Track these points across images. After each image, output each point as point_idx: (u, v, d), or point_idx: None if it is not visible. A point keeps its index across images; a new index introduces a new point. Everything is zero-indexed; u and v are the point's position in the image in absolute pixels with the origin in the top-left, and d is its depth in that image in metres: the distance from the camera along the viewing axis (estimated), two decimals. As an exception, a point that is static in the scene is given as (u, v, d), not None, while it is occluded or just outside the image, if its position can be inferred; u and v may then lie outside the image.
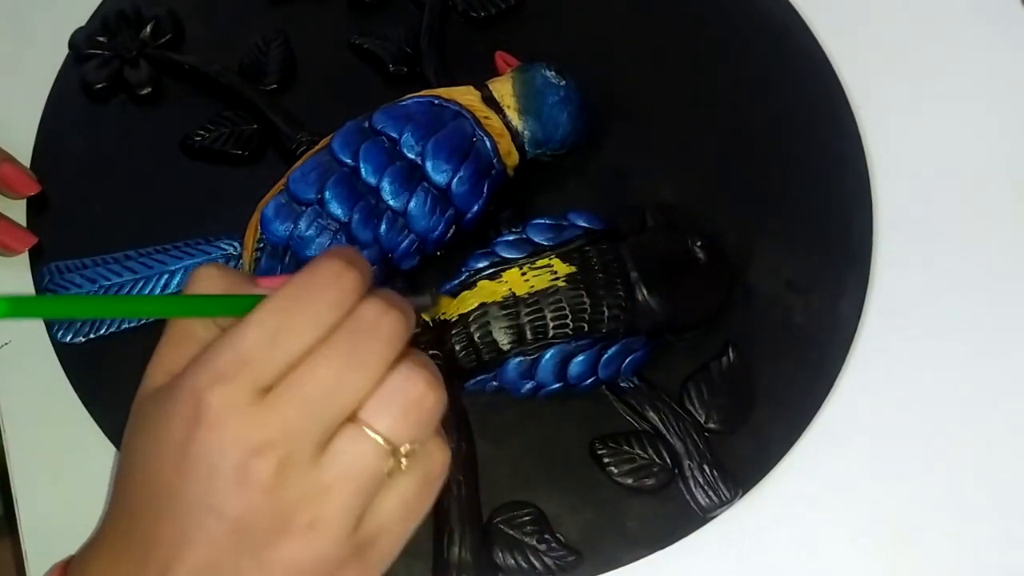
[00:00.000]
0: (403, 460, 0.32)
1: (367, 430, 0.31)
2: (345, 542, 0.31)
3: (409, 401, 0.32)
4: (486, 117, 0.46)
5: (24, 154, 0.51)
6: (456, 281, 0.44)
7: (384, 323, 0.32)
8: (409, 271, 0.46)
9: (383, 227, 0.44)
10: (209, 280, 0.34)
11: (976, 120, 0.52)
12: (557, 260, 0.44)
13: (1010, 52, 0.54)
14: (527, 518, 0.43)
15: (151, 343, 0.46)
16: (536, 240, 0.44)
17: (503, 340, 0.43)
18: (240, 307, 0.32)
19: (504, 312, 0.43)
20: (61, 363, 0.46)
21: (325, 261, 0.32)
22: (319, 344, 0.31)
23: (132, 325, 0.46)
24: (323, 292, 0.31)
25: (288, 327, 0.31)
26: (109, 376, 0.46)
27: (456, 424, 0.43)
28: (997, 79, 0.53)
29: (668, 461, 0.44)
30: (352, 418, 0.31)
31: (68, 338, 0.46)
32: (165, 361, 0.34)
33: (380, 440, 0.31)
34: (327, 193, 0.44)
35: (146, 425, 0.33)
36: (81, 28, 0.54)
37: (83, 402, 0.46)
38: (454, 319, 0.44)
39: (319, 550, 0.31)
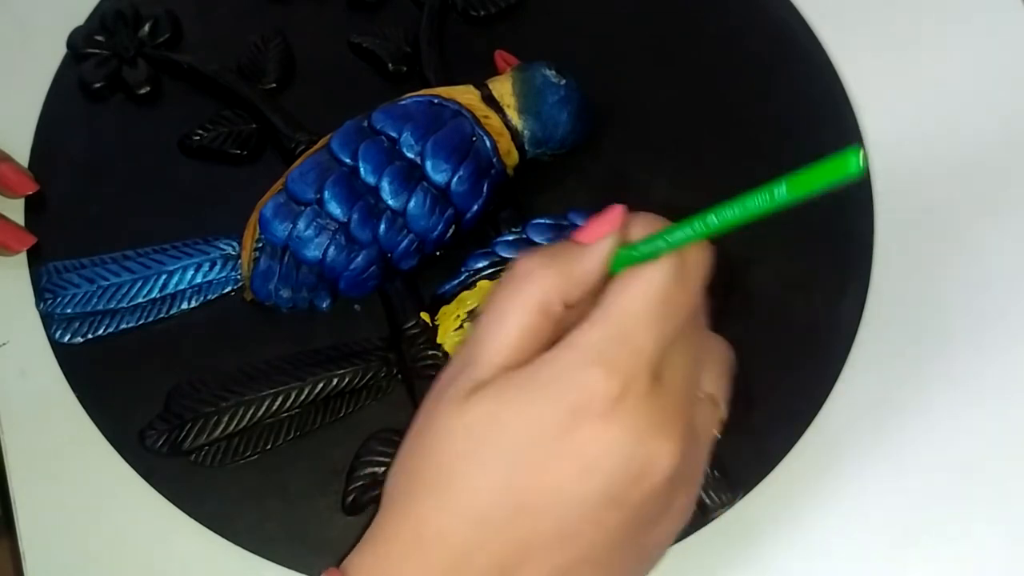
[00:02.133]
0: (723, 418, 0.34)
1: (710, 399, 0.34)
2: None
3: (727, 365, 0.35)
4: (486, 116, 0.46)
5: (22, 153, 0.51)
6: (456, 281, 0.44)
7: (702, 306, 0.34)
8: (409, 271, 0.46)
9: (382, 227, 0.44)
10: (539, 271, 0.32)
11: (977, 120, 0.52)
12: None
13: (1011, 52, 0.54)
14: (527, 519, 0.43)
15: (149, 343, 0.46)
16: (536, 240, 0.44)
17: (503, 340, 0.43)
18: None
19: (504, 312, 0.43)
20: (59, 363, 0.46)
21: (693, 259, 0.32)
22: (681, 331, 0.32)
23: (131, 325, 0.46)
24: (695, 282, 0.32)
25: (672, 315, 0.31)
26: (107, 376, 0.46)
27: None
28: (998, 79, 0.53)
29: (668, 462, 0.44)
30: None
31: (66, 338, 0.46)
32: (504, 342, 0.32)
33: (716, 404, 0.34)
34: (326, 193, 0.43)
35: (505, 422, 0.31)
36: (79, 27, 0.54)
37: (81, 402, 0.46)
38: (454, 319, 0.44)
39: (681, 523, 0.33)
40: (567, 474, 0.30)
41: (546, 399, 0.30)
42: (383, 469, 0.43)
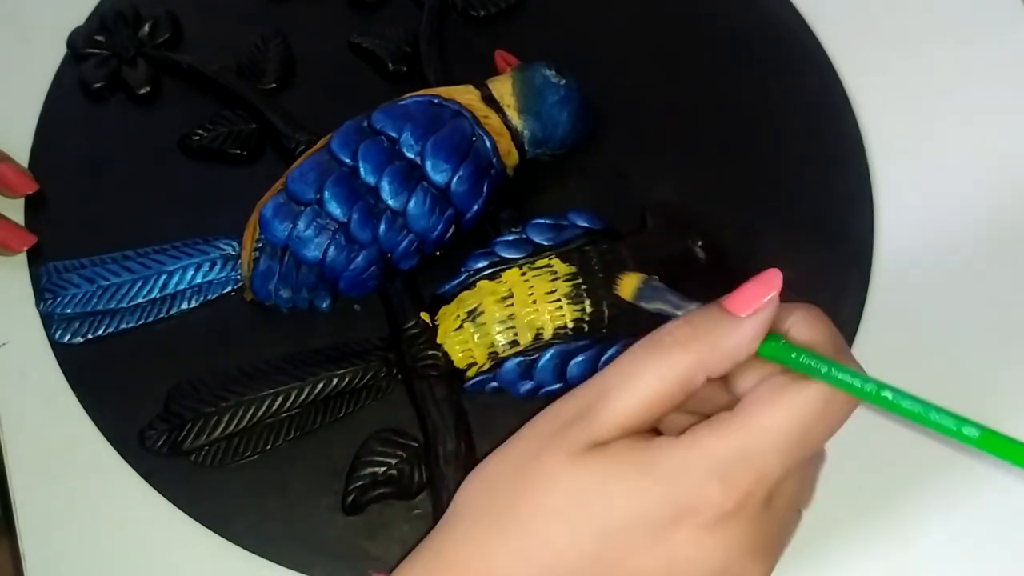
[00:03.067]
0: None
1: (799, 514, 0.34)
2: None
3: (815, 478, 0.35)
4: (485, 116, 0.46)
5: (22, 153, 0.51)
6: (455, 281, 0.44)
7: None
8: (409, 271, 0.46)
9: (382, 227, 0.44)
10: (682, 354, 0.32)
11: (977, 120, 0.52)
12: (557, 260, 0.43)
13: (1011, 52, 0.54)
14: (527, 519, 0.43)
15: (149, 343, 0.46)
16: (536, 240, 0.44)
17: (502, 340, 0.43)
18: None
19: (503, 312, 0.43)
20: (59, 363, 0.46)
21: (844, 402, 0.32)
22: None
23: (130, 325, 0.46)
24: (834, 425, 0.32)
25: (803, 449, 0.31)
26: (107, 377, 0.46)
27: (456, 424, 0.43)
28: (998, 79, 0.53)
29: (668, 462, 0.44)
30: None
31: (66, 338, 0.46)
32: (631, 403, 0.31)
33: (800, 513, 0.34)
34: (326, 193, 0.43)
35: (610, 493, 0.30)
36: (79, 27, 0.54)
37: (81, 403, 0.46)
38: (454, 319, 0.44)
39: None
40: (653, 567, 0.30)
41: (659, 492, 0.30)
42: (383, 469, 0.43)
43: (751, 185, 0.50)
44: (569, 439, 0.31)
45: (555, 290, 0.43)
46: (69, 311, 0.46)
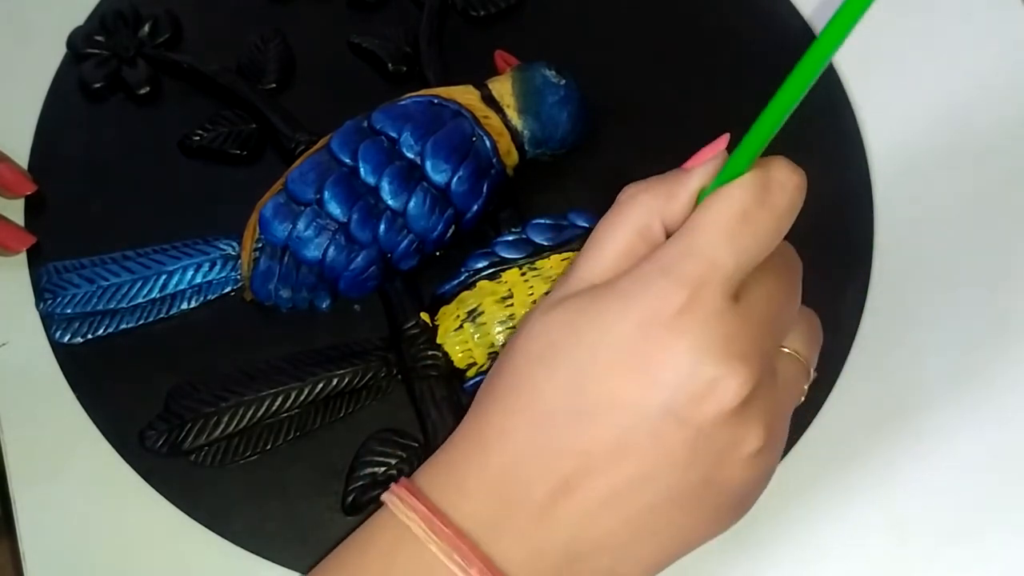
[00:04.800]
0: (808, 383, 0.34)
1: (794, 353, 0.33)
2: (775, 466, 0.33)
3: (818, 334, 0.34)
4: (485, 116, 0.46)
5: (22, 154, 0.51)
6: (455, 281, 0.44)
7: (796, 255, 0.34)
8: (409, 271, 0.46)
9: (382, 227, 0.44)
10: (639, 196, 0.33)
11: (977, 120, 0.52)
12: (557, 260, 0.43)
13: (1011, 51, 0.54)
14: (527, 519, 0.43)
15: (149, 343, 0.46)
16: (536, 240, 0.44)
17: (502, 340, 0.43)
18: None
19: (503, 313, 0.43)
20: (59, 363, 0.46)
21: (779, 164, 0.32)
22: (771, 261, 0.31)
23: (130, 325, 0.46)
24: (783, 197, 0.32)
25: (751, 233, 0.31)
26: (107, 376, 0.46)
27: (455, 424, 0.43)
28: (998, 79, 0.53)
29: (668, 462, 0.44)
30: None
31: (66, 338, 0.46)
32: (599, 262, 0.32)
33: (803, 363, 0.33)
34: (326, 193, 0.43)
35: (579, 329, 0.31)
36: (79, 27, 0.54)
37: (81, 403, 0.46)
38: (454, 319, 0.44)
39: (763, 471, 0.32)
40: (629, 383, 0.29)
41: (618, 309, 0.30)
42: (383, 469, 0.43)
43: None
44: (545, 302, 0.33)
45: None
46: (69, 311, 0.46)
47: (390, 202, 0.44)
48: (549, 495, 0.31)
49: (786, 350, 0.33)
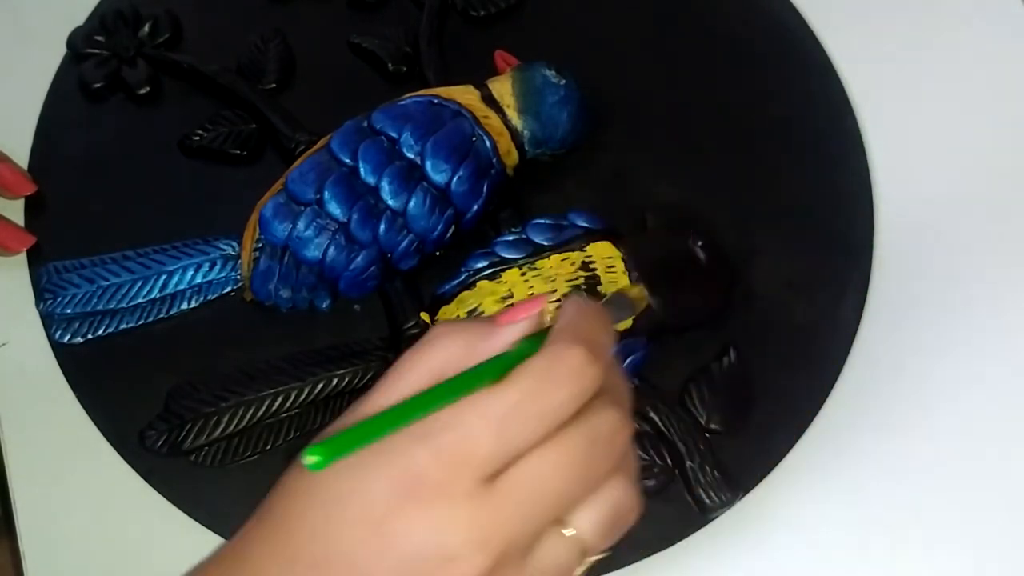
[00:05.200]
0: (587, 565, 0.32)
1: (571, 534, 0.31)
2: None
3: (618, 517, 0.32)
4: (485, 116, 0.46)
5: (22, 154, 0.51)
6: (455, 281, 0.44)
7: (619, 437, 0.31)
8: (409, 271, 0.46)
9: (382, 227, 0.44)
10: (446, 346, 0.31)
11: (977, 120, 0.52)
12: (557, 260, 0.43)
13: (1011, 51, 0.54)
14: (527, 519, 0.43)
15: (149, 343, 0.46)
16: (536, 240, 0.44)
17: (503, 340, 0.43)
18: (482, 378, 0.30)
19: (504, 312, 0.43)
20: (59, 363, 0.46)
21: (568, 352, 0.30)
22: (551, 443, 0.30)
23: (130, 325, 0.46)
24: (560, 389, 0.30)
25: (520, 418, 0.29)
26: (107, 376, 0.46)
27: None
28: (998, 78, 0.53)
29: (669, 462, 0.44)
30: (558, 519, 0.31)
31: (66, 338, 0.46)
32: (392, 396, 0.31)
33: (580, 547, 0.31)
34: (326, 193, 0.43)
35: (337, 474, 0.30)
36: (79, 27, 0.54)
37: (81, 403, 0.46)
38: (454, 319, 0.44)
39: None
40: (368, 546, 0.29)
41: (376, 465, 0.30)
42: (383, 469, 0.43)
43: (751, 185, 0.50)
44: (331, 428, 0.32)
45: (555, 290, 0.43)
46: (69, 311, 0.46)
47: (390, 202, 0.44)
48: None
49: (567, 532, 0.31)
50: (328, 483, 0.30)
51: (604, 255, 0.44)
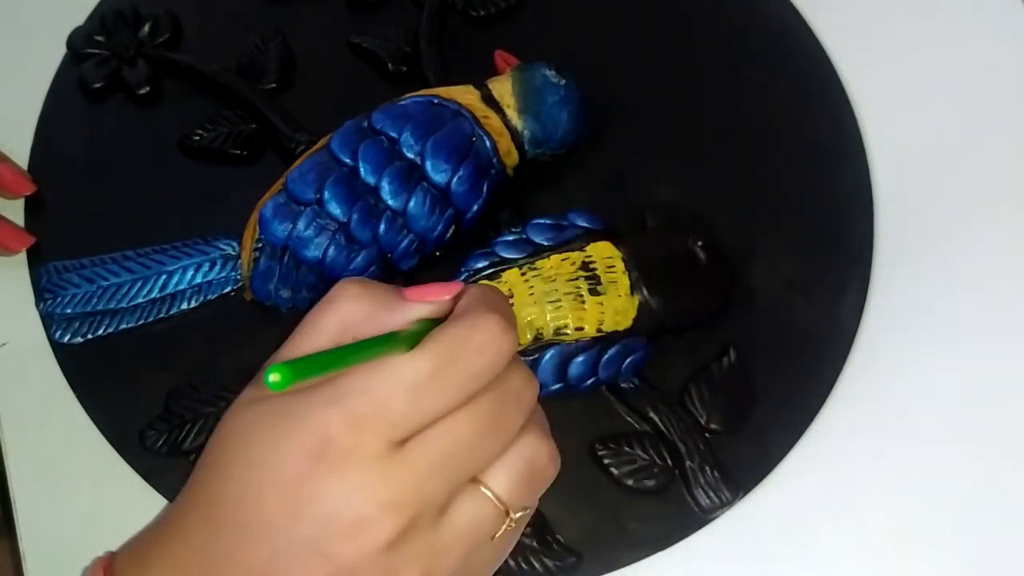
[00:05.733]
0: (512, 523, 0.32)
1: (488, 492, 0.31)
2: None
3: (534, 470, 0.32)
4: (485, 116, 0.46)
5: (22, 154, 0.51)
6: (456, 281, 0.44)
7: (526, 394, 0.32)
8: (409, 271, 0.46)
9: (382, 227, 0.44)
10: (353, 301, 0.32)
11: (977, 119, 0.52)
12: (557, 260, 0.43)
13: (1011, 51, 0.54)
14: (527, 519, 0.43)
15: (149, 343, 0.46)
16: (536, 240, 0.44)
17: (503, 340, 0.43)
18: (392, 344, 0.31)
19: (504, 312, 0.43)
20: (59, 363, 0.46)
21: (486, 320, 0.31)
22: (462, 404, 0.30)
23: (130, 325, 0.46)
24: (479, 356, 0.30)
25: (437, 386, 0.30)
26: (107, 376, 0.46)
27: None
28: (998, 78, 0.53)
29: (669, 462, 0.44)
30: (474, 478, 0.31)
31: (66, 338, 0.46)
32: (303, 351, 0.32)
33: (499, 504, 0.31)
34: (326, 193, 0.43)
35: (252, 439, 0.31)
36: (79, 27, 0.54)
37: (81, 403, 0.46)
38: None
39: None
40: (284, 508, 0.30)
41: (288, 428, 0.30)
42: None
43: (751, 185, 0.50)
44: (243, 397, 0.33)
45: (555, 290, 0.43)
46: (69, 311, 0.46)
47: (390, 202, 0.44)
48: None
49: (483, 490, 0.32)
50: (244, 449, 0.31)
51: (604, 255, 0.44)
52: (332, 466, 0.29)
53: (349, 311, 0.32)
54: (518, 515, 0.32)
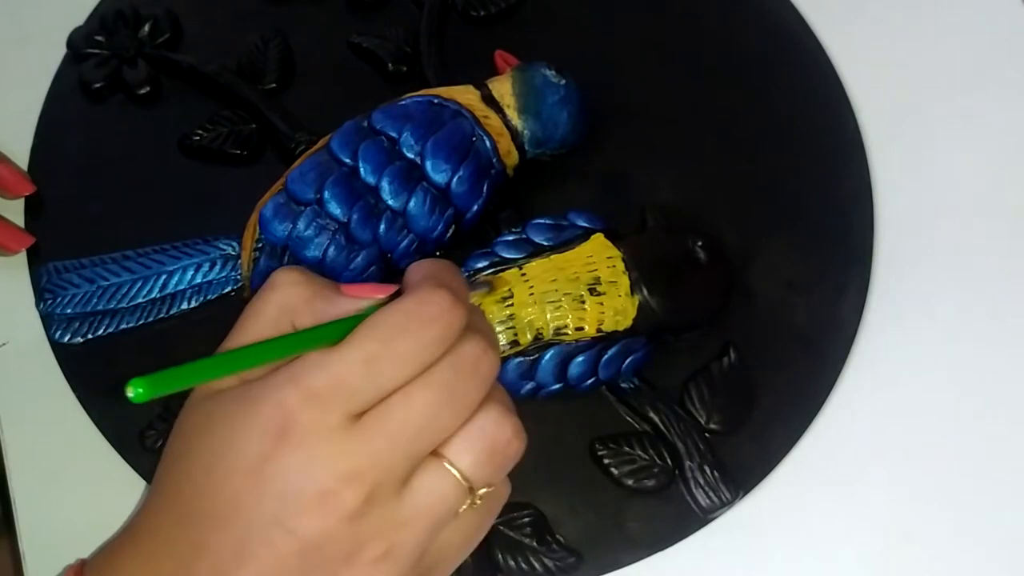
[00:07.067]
0: (477, 500, 0.32)
1: (450, 467, 0.32)
2: (409, 573, 0.31)
3: (496, 445, 0.32)
4: (485, 116, 0.46)
5: (22, 154, 0.51)
6: (456, 281, 0.44)
7: (483, 364, 0.32)
8: (408, 271, 0.46)
9: (382, 227, 0.44)
10: (293, 286, 0.33)
11: (977, 120, 0.52)
12: (557, 260, 0.43)
13: (1011, 52, 0.54)
14: (527, 519, 0.43)
15: (149, 343, 0.46)
16: (536, 240, 0.44)
17: (502, 341, 0.43)
18: (338, 332, 0.31)
19: (503, 313, 0.43)
20: (59, 363, 0.46)
21: (434, 294, 0.31)
22: (417, 376, 0.31)
23: (130, 325, 0.46)
24: (429, 327, 0.31)
25: (389, 357, 0.30)
26: (107, 376, 0.46)
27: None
28: (998, 79, 0.53)
29: (669, 462, 0.44)
30: (435, 452, 0.31)
31: (66, 338, 0.46)
32: (245, 340, 0.33)
33: (461, 479, 0.32)
34: (326, 193, 0.43)
35: (213, 428, 0.32)
36: (79, 27, 0.54)
37: (81, 402, 0.46)
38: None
39: (393, 574, 0.31)
40: (247, 490, 0.30)
41: (246, 413, 0.31)
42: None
43: (751, 185, 0.50)
44: (197, 392, 0.33)
45: (555, 290, 0.43)
46: (69, 311, 0.46)
47: (390, 202, 0.44)
48: None
49: (445, 464, 0.32)
50: (207, 439, 0.31)
51: (604, 255, 0.44)
52: (293, 443, 0.30)
53: (289, 296, 0.33)
54: (482, 491, 0.32)
